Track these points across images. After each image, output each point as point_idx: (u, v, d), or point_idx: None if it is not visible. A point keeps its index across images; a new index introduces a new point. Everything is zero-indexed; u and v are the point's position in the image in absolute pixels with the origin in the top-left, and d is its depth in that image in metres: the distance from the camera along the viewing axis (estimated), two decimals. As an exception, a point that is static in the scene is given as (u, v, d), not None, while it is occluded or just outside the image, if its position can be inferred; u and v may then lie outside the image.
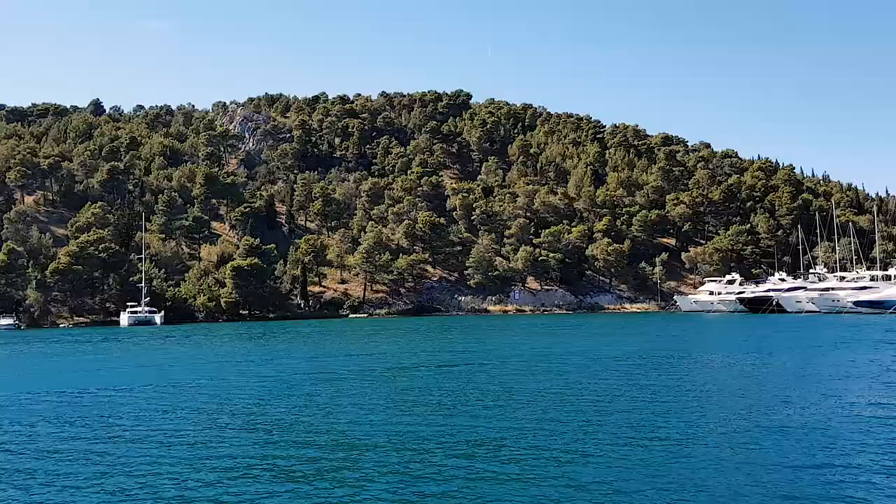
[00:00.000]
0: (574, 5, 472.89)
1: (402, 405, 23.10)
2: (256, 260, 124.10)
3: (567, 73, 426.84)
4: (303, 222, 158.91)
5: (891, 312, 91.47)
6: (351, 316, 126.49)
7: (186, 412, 22.76)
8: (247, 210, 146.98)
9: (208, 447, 17.58)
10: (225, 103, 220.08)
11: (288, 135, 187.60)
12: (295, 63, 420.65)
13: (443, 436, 18.15)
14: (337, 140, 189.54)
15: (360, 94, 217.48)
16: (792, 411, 20.81)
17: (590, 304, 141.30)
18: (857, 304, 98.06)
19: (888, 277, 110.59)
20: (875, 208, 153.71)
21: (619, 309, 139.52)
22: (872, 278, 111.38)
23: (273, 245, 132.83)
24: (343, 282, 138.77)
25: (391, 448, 17.05)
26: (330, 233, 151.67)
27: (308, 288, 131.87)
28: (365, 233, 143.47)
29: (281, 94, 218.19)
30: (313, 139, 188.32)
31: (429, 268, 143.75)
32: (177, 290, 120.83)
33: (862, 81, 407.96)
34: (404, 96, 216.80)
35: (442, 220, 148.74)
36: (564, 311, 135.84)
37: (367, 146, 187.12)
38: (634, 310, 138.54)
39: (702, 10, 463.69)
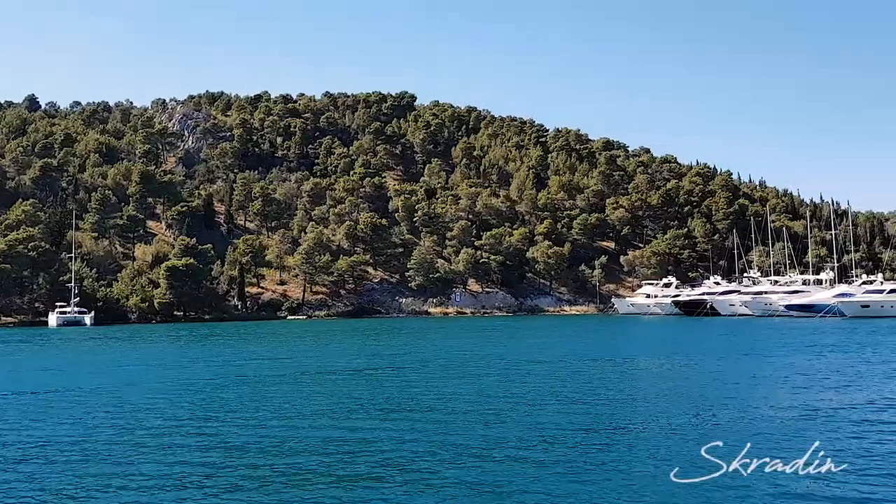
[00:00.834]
0: (522, 10, 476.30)
1: (289, 412, 22.27)
2: (192, 260, 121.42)
3: (513, 78, 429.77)
4: (242, 222, 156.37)
5: (821, 316, 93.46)
6: (289, 318, 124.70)
7: (55, 422, 21.40)
8: (184, 209, 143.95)
9: (84, 460, 16.50)
10: (164, 101, 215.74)
11: (228, 133, 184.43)
12: (238, 62, 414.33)
13: (319, 443, 17.48)
14: (279, 139, 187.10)
15: (303, 94, 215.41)
16: (677, 415, 20.72)
17: (530, 306, 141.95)
18: (788, 307, 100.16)
19: (819, 282, 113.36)
20: (809, 214, 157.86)
21: (558, 311, 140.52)
22: (804, 282, 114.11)
23: (210, 245, 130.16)
24: (282, 283, 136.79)
25: (252, 454, 16.38)
26: (270, 233, 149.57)
27: (246, 289, 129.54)
28: (305, 233, 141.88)
29: (222, 93, 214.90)
30: (254, 138, 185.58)
31: (370, 269, 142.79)
32: (109, 290, 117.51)
33: (801, 90, 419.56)
34: (348, 97, 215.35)
35: (384, 221, 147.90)
36: (505, 314, 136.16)
37: (310, 146, 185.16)
38: (574, 312, 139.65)
39: (653, 12, 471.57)
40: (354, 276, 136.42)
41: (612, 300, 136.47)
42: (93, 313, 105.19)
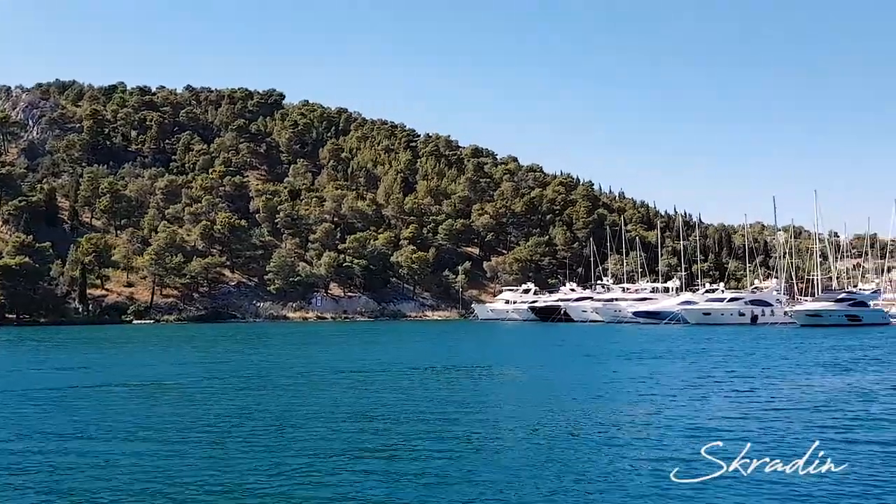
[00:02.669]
0: (403, 15, 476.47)
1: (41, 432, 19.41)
2: (27, 259, 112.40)
3: (387, 82, 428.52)
4: (88, 220, 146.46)
5: (665, 322, 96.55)
6: (135, 322, 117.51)
7: None
8: (23, 204, 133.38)
9: None
10: (9, 87, 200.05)
11: (78, 125, 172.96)
12: (93, 50, 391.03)
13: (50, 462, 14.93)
14: (133, 133, 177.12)
15: (163, 87, 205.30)
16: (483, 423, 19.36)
17: (392, 311, 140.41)
18: (636, 314, 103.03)
19: (666, 290, 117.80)
20: (662, 225, 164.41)
21: (420, 316, 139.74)
22: (653, 290, 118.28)
23: (49, 243, 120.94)
24: (129, 285, 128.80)
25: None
26: (118, 232, 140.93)
27: (88, 291, 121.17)
28: (157, 233, 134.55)
29: (74, 82, 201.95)
30: (106, 131, 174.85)
31: (227, 272, 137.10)
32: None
33: (662, 104, 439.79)
34: (212, 91, 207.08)
35: (244, 222, 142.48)
36: (366, 319, 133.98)
37: (167, 141, 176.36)
38: (436, 317, 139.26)
39: (526, 23, 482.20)
40: (209, 279, 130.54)
41: (473, 306, 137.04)
42: None
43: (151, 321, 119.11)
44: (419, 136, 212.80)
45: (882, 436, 18.28)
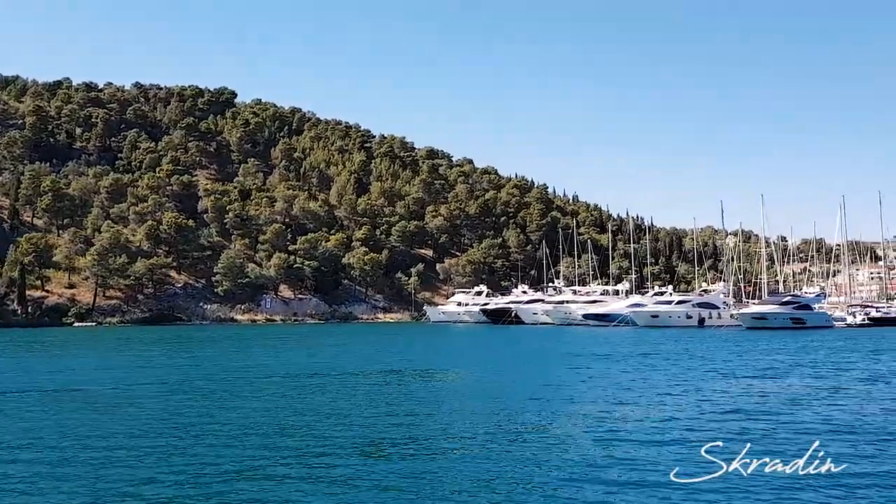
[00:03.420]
0: (360, 15, 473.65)
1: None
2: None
3: (343, 83, 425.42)
4: (29, 219, 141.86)
5: (614, 325, 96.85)
6: (76, 324, 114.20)
7: None
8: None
9: None
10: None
11: (20, 121, 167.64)
12: (37, 45, 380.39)
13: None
14: (78, 130, 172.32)
15: (110, 83, 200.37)
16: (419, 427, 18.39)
17: (343, 313, 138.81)
18: (585, 316, 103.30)
19: (616, 292, 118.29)
20: (614, 228, 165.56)
21: (372, 319, 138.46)
22: (603, 293, 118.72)
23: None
24: (71, 286, 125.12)
25: None
26: (61, 232, 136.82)
27: (28, 292, 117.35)
28: (100, 233, 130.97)
29: (17, 77, 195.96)
30: (50, 128, 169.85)
31: (173, 273, 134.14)
32: None
33: (615, 110, 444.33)
34: (161, 89, 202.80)
35: (191, 222, 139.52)
36: (317, 321, 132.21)
37: (113, 139, 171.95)
38: (388, 320, 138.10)
39: (485, 23, 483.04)
40: (154, 280, 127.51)
41: (425, 308, 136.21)
42: None
43: (94, 324, 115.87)
44: (374, 136, 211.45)
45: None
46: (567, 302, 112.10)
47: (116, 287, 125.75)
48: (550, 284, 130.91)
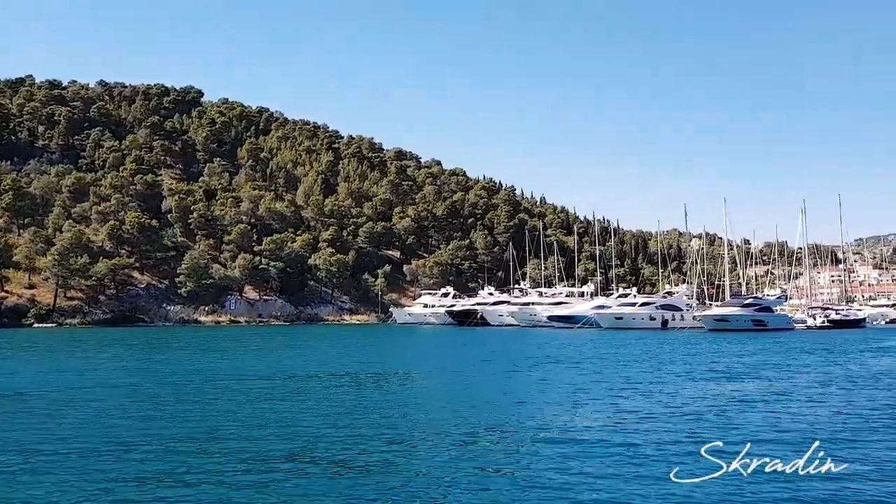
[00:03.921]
0: (332, 15, 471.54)
1: None
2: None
3: (311, 83, 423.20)
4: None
5: (578, 326, 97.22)
6: (36, 325, 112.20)
7: None
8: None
9: None
10: None
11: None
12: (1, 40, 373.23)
13: None
14: (40, 128, 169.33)
15: (75, 81, 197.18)
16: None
17: (309, 314, 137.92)
18: (550, 318, 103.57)
19: (582, 294, 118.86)
20: (580, 230, 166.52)
21: (338, 320, 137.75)
22: (568, 294, 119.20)
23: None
24: (31, 286, 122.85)
25: None
26: (21, 231, 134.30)
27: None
28: (61, 232, 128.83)
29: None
30: (11, 125, 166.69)
31: (136, 273, 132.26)
32: None
33: (586, 113, 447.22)
34: (126, 87, 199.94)
35: (155, 222, 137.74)
36: (282, 322, 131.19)
37: (76, 137, 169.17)
38: (354, 321, 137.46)
39: (454, 24, 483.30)
40: (116, 281, 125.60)
41: (391, 310, 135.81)
42: None
43: (54, 325, 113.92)
44: (342, 137, 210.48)
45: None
46: (533, 304, 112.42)
47: (78, 288, 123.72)
48: (516, 286, 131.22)
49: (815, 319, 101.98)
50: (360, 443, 17.50)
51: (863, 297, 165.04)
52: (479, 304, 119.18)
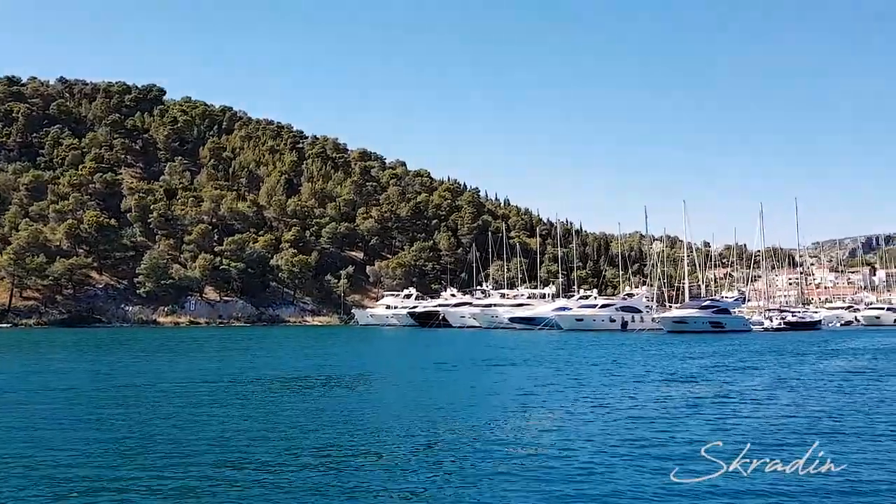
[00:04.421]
0: (298, 17, 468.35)
1: None
2: None
3: (276, 83, 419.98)
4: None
5: (539, 328, 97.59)
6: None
7: None
8: None
9: None
10: None
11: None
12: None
13: None
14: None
15: (34, 78, 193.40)
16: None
17: (271, 316, 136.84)
18: (512, 319, 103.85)
19: (543, 296, 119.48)
20: (543, 232, 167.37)
21: (300, 322, 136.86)
22: (530, 296, 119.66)
23: None
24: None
25: None
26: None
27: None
28: (18, 231, 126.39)
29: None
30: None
31: (94, 273, 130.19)
32: None
33: (550, 115, 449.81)
34: (87, 84, 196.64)
35: (114, 221, 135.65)
36: (243, 324, 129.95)
37: (35, 135, 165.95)
38: (316, 323, 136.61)
39: (424, 23, 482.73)
40: (73, 281, 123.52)
41: (353, 311, 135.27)
42: None
43: (9, 325, 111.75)
44: (306, 137, 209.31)
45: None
46: (494, 305, 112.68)
47: (34, 287, 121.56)
48: (479, 287, 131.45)
49: (771, 321, 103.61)
50: (292, 449, 17.32)
51: (819, 299, 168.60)
52: (441, 305, 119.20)
